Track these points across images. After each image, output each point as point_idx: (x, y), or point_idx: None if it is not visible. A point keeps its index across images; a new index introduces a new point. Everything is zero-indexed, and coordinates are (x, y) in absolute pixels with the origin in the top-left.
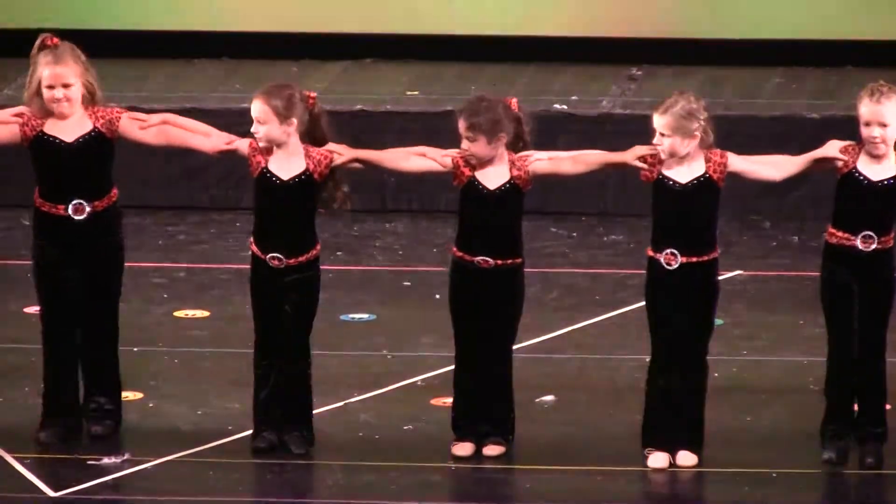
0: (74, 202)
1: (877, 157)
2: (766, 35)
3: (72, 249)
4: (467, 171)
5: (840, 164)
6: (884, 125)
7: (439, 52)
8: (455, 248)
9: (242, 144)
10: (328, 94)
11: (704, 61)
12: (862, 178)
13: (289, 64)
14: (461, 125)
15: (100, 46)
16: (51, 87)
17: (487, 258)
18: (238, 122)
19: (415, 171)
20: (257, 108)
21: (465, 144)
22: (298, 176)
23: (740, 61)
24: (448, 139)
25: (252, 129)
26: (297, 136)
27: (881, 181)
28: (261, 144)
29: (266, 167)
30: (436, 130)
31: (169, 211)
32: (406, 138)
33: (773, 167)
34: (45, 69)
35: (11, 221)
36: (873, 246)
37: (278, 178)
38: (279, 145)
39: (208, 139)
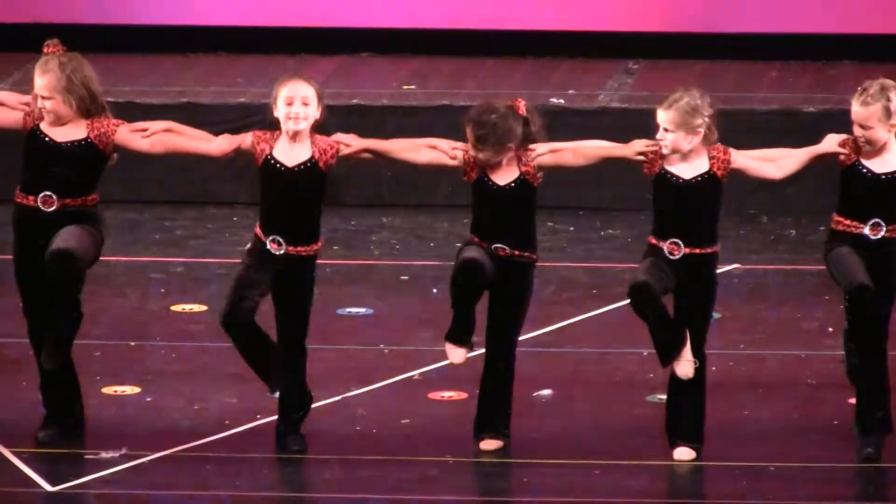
0: (44, 194)
1: (878, 150)
2: (764, 29)
3: (40, 244)
4: (477, 168)
5: (842, 157)
6: (864, 127)
7: (436, 46)
8: (472, 236)
9: (247, 139)
10: (325, 88)
11: (701, 55)
12: (866, 171)
13: (285, 58)
14: (469, 135)
15: (97, 41)
16: (35, 95)
17: (505, 247)
18: (234, 118)
19: (424, 164)
20: (304, 89)
21: (472, 151)
22: (304, 163)
23: (737, 55)
24: (445, 134)
25: (292, 112)
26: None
27: (886, 174)
28: (295, 128)
29: (270, 154)
30: (432, 125)
31: (166, 205)
32: (403, 133)
33: (775, 166)
34: (34, 77)
35: (7, 216)
36: (882, 233)
37: (283, 164)
38: (301, 132)
39: (213, 143)
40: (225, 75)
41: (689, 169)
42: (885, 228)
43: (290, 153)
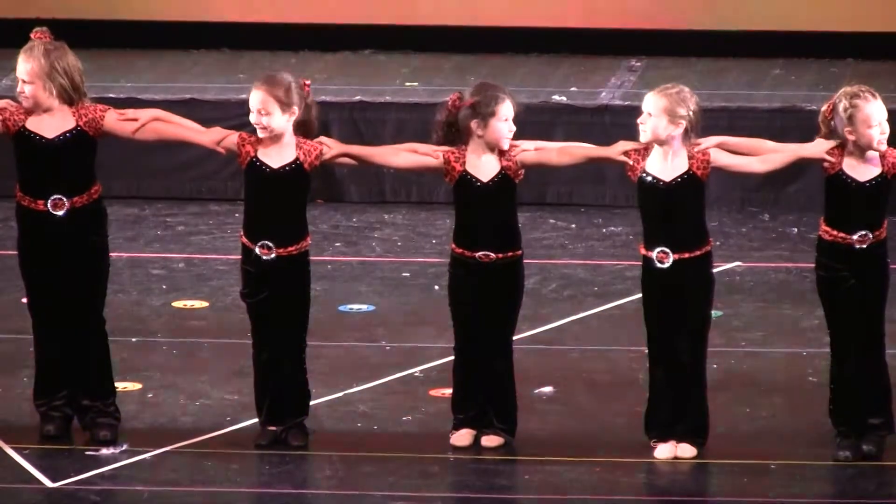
0: (53, 197)
1: (860, 158)
2: (766, 26)
3: (52, 246)
4: (458, 167)
5: (826, 164)
6: (882, 125)
7: (439, 43)
8: (454, 245)
9: (232, 139)
10: (328, 85)
11: (704, 53)
12: (849, 180)
13: (288, 55)
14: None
15: (100, 37)
16: (19, 80)
17: (488, 252)
18: (238, 114)
19: (405, 167)
20: (259, 98)
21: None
22: (289, 164)
23: (740, 53)
24: None
25: (253, 120)
26: (292, 126)
27: (868, 181)
28: (261, 136)
29: (255, 156)
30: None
31: (168, 202)
32: (405, 129)
33: (759, 160)
34: (18, 63)
35: (9, 211)
36: (869, 242)
37: (268, 166)
38: (277, 136)
39: (204, 132)
40: (228, 72)
41: (669, 170)
42: (871, 237)
43: (275, 155)
